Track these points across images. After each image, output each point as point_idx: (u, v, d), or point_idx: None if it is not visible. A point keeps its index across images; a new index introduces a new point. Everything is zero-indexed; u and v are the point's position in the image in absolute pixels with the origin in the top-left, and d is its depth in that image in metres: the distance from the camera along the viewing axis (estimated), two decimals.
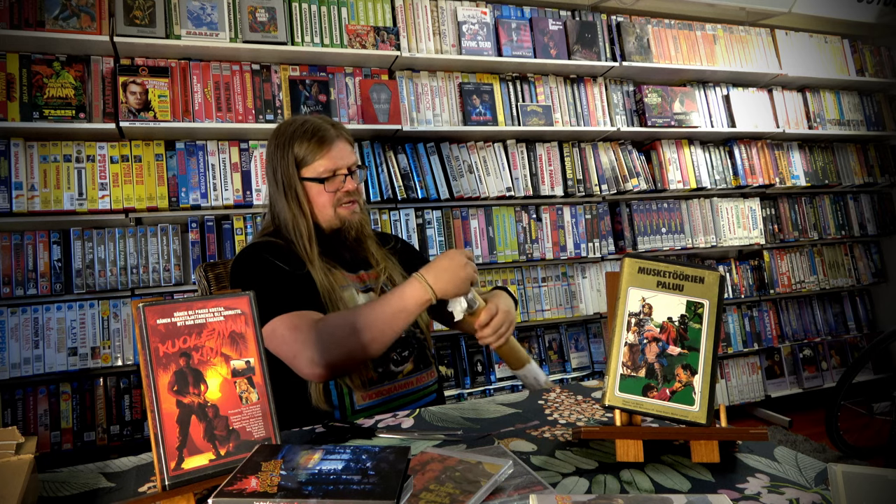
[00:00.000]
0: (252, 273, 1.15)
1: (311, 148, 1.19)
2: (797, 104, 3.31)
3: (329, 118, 1.29)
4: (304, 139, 1.19)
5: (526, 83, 2.78)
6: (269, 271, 1.14)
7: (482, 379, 2.58)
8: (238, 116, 2.29)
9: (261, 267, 1.15)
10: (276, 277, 1.12)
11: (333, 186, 1.20)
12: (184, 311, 0.71)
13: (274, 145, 1.22)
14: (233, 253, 2.24)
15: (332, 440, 0.89)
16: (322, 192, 1.20)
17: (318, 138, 1.19)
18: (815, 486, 0.68)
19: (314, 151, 1.19)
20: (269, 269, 1.14)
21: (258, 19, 2.30)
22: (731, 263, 3.14)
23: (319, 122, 1.22)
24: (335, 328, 1.04)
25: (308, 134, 1.19)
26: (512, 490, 0.66)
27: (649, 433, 0.75)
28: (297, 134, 1.20)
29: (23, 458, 0.69)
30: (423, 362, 1.24)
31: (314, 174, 1.19)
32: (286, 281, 1.13)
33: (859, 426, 2.75)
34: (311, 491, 0.56)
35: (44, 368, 2.01)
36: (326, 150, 1.19)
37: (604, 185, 2.82)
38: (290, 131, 1.21)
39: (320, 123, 1.22)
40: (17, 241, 2.04)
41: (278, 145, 1.21)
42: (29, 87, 2.05)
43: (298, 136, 1.19)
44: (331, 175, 1.19)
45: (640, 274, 0.80)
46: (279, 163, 1.20)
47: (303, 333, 1.04)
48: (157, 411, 0.66)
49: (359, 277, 1.24)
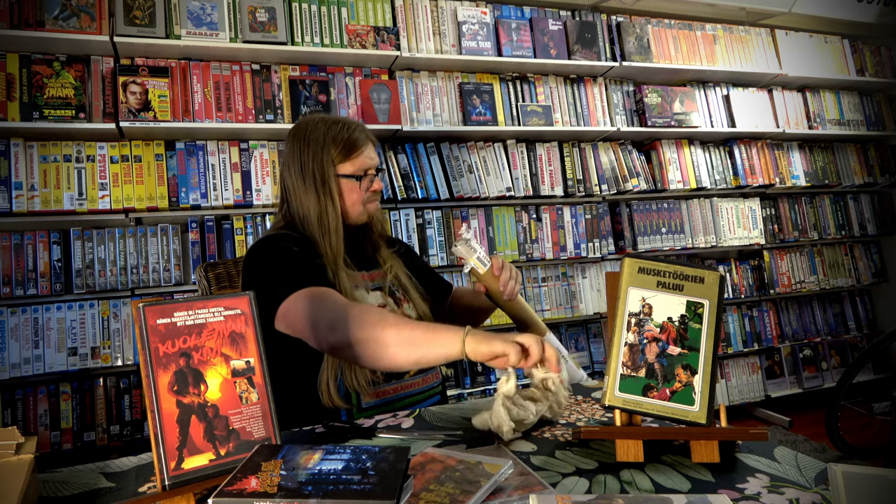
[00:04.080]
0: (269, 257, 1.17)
1: (348, 147, 1.24)
2: (797, 104, 3.31)
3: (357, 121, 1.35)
4: (341, 138, 1.25)
5: (526, 83, 2.78)
6: (286, 255, 1.16)
7: (482, 379, 2.58)
8: (238, 116, 2.29)
9: (278, 251, 1.17)
10: (292, 260, 1.15)
11: (366, 185, 1.26)
12: (184, 311, 0.71)
13: (303, 142, 1.26)
14: (233, 253, 2.24)
15: (332, 440, 0.89)
16: (355, 188, 1.25)
17: (353, 139, 1.25)
18: (815, 486, 0.68)
19: (350, 150, 1.25)
20: (285, 253, 1.16)
21: (258, 19, 2.30)
22: (731, 263, 3.14)
23: (353, 124, 1.29)
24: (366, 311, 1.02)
25: (344, 133, 1.25)
26: (512, 490, 0.66)
27: (649, 433, 0.75)
28: (332, 132, 1.25)
29: (23, 458, 0.69)
30: None
31: (350, 171, 1.24)
32: (302, 263, 1.15)
33: (859, 426, 2.75)
34: (311, 491, 0.56)
35: (44, 368, 2.01)
36: (361, 150, 1.26)
37: (604, 185, 2.82)
38: (325, 129, 1.25)
39: (354, 124, 1.29)
40: (17, 241, 2.03)
41: (309, 142, 1.25)
42: (29, 87, 2.05)
43: (334, 134, 1.25)
44: (363, 174, 1.25)
45: (640, 274, 0.80)
46: (311, 159, 1.24)
47: (327, 302, 1.04)
48: (157, 411, 0.66)
49: (370, 276, 1.27)
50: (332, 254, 1.19)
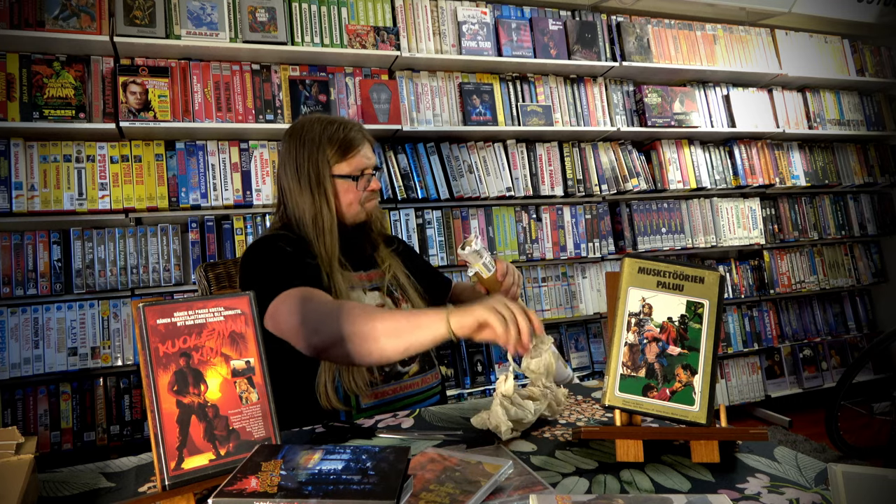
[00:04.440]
0: (263, 257, 1.17)
1: (344, 147, 1.24)
2: (797, 104, 3.31)
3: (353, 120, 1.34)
4: (337, 138, 1.24)
5: (526, 83, 2.78)
6: (280, 255, 1.16)
7: (482, 379, 2.58)
8: (238, 116, 2.29)
9: (272, 251, 1.17)
10: (286, 260, 1.15)
11: (363, 184, 1.25)
12: (184, 311, 0.71)
13: (299, 142, 1.25)
14: (233, 253, 2.24)
15: (332, 440, 0.89)
16: (352, 188, 1.24)
17: (349, 139, 1.24)
18: (815, 486, 0.68)
19: (346, 150, 1.24)
20: (280, 253, 1.16)
21: (258, 19, 2.30)
22: (731, 263, 3.14)
23: (349, 123, 1.28)
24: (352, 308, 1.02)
25: (340, 133, 1.24)
26: (512, 490, 0.66)
27: (649, 433, 0.75)
28: (327, 132, 1.24)
29: (23, 458, 0.69)
30: (428, 363, 1.25)
31: (346, 171, 1.24)
32: (296, 264, 1.15)
33: (859, 426, 2.75)
34: (311, 491, 0.56)
35: (44, 368, 2.01)
36: (357, 150, 1.25)
37: (604, 185, 2.82)
38: (320, 129, 1.24)
39: (350, 124, 1.28)
40: (17, 241, 2.03)
41: (305, 142, 1.24)
42: (29, 87, 2.05)
43: (329, 134, 1.24)
44: (360, 174, 1.25)
45: (640, 274, 0.80)
46: (306, 159, 1.23)
47: (313, 303, 1.04)
48: (157, 411, 0.66)
49: (367, 276, 1.26)
50: (326, 255, 1.19)
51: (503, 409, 0.82)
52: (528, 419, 0.84)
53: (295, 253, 1.16)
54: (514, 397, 0.85)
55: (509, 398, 0.85)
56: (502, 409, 0.82)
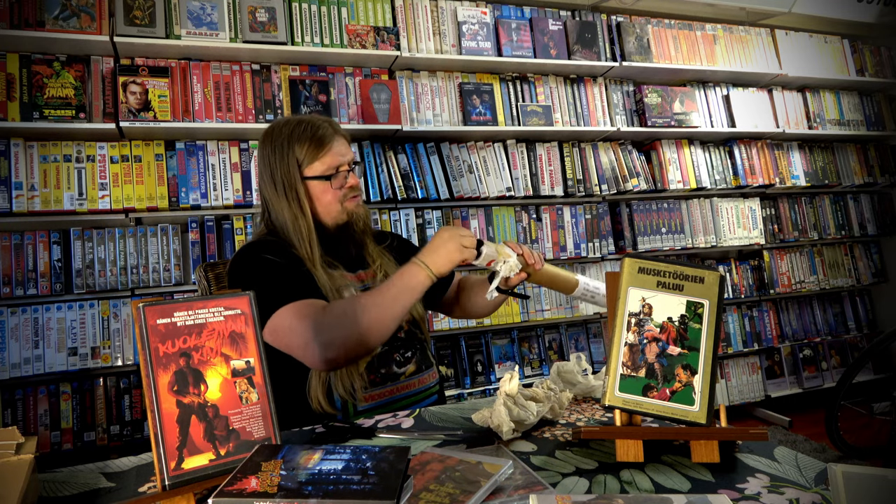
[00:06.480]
0: (251, 271, 1.14)
1: (313, 147, 1.18)
2: (797, 104, 3.31)
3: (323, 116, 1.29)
4: (305, 139, 1.18)
5: (526, 83, 2.78)
6: (269, 267, 1.13)
7: (482, 379, 2.58)
8: (238, 116, 2.29)
9: (260, 264, 1.14)
10: (276, 272, 1.12)
11: (339, 183, 1.20)
12: (184, 311, 0.71)
13: (270, 148, 1.21)
14: (233, 253, 2.23)
15: (332, 440, 0.89)
16: (327, 189, 1.20)
17: (318, 137, 1.19)
18: (815, 486, 0.68)
19: (316, 150, 1.18)
20: (268, 265, 1.13)
21: (258, 19, 2.30)
22: (731, 263, 3.14)
23: (317, 121, 1.22)
24: (344, 309, 1.03)
25: (308, 133, 1.19)
26: (512, 490, 0.66)
27: (649, 433, 0.75)
28: (295, 134, 1.19)
29: (23, 458, 0.69)
30: (425, 363, 1.24)
31: (318, 172, 1.19)
32: (287, 274, 1.12)
33: (859, 426, 2.75)
34: (311, 491, 0.56)
35: (44, 368, 2.01)
36: (328, 148, 1.19)
37: (604, 185, 2.82)
38: (287, 132, 1.20)
39: (318, 121, 1.22)
40: (17, 241, 2.03)
41: (275, 147, 1.20)
42: (29, 87, 2.05)
43: (297, 136, 1.19)
44: (334, 172, 1.20)
45: (640, 274, 0.80)
46: (278, 164, 1.19)
47: (313, 320, 1.03)
48: (157, 411, 0.66)
49: (357, 277, 1.24)
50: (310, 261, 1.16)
51: (506, 409, 0.82)
52: (529, 420, 0.84)
53: (283, 263, 1.13)
54: (517, 397, 0.85)
55: (513, 398, 0.85)
56: (505, 408, 0.82)
